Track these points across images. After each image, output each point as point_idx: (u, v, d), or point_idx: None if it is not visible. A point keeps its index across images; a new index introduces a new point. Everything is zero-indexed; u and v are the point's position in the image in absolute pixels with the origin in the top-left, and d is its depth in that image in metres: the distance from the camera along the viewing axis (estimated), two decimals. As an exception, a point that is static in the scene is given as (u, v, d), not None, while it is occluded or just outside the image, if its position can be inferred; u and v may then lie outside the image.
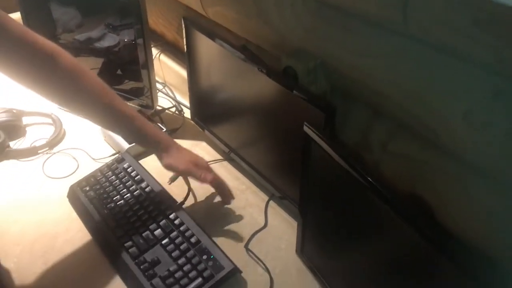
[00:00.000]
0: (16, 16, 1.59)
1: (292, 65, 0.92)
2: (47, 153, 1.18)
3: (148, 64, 1.15)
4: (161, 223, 0.95)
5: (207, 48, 1.06)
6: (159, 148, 0.97)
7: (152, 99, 1.20)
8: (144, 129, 0.95)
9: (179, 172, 1.00)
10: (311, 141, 0.69)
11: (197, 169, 0.98)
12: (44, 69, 0.85)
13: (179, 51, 1.44)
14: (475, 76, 0.69)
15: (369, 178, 0.58)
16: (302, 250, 0.84)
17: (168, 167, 0.98)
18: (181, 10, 1.36)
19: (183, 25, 1.08)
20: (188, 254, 0.88)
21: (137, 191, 1.02)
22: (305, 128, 0.69)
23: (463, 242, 0.70)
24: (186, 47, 1.11)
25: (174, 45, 1.45)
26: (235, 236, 0.97)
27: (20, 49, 0.81)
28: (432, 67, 0.74)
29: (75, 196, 1.04)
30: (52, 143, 1.21)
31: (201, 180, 0.98)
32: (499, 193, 0.72)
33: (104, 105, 0.91)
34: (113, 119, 0.93)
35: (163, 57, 1.44)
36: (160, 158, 0.98)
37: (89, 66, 1.31)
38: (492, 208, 0.73)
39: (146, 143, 0.98)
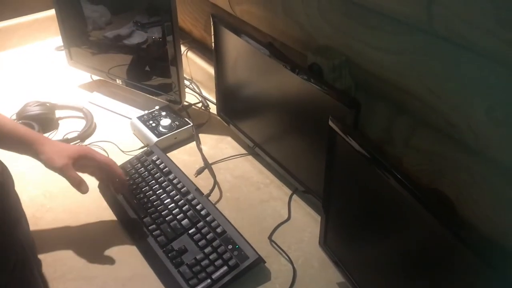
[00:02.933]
0: (51, 13, 1.66)
1: (318, 62, 0.94)
2: (79, 145, 1.23)
3: (177, 60, 1.18)
4: (188, 213, 0.98)
5: (234, 45, 1.09)
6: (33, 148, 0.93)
7: (180, 94, 1.23)
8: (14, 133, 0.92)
9: (58, 170, 0.94)
10: (336, 135, 0.71)
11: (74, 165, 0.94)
12: None
13: (206, 48, 1.47)
14: (497, 72, 0.70)
15: (394, 172, 0.60)
16: (325, 242, 0.86)
17: (49, 166, 0.94)
18: (208, 8, 1.39)
19: (211, 23, 1.11)
20: (214, 244, 0.92)
21: (165, 182, 1.06)
22: (330, 122, 0.71)
23: (484, 235, 0.71)
24: (214, 44, 1.14)
25: (201, 42, 1.49)
26: (259, 228, 1.00)
27: None
28: (455, 64, 0.75)
29: (105, 187, 1.08)
30: (84, 136, 1.25)
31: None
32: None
33: None
34: None
35: (190, 54, 1.47)
36: (41, 159, 0.94)
37: (118, 63, 1.35)
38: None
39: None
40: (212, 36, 1.13)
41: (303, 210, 1.04)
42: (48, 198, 1.08)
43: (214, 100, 1.36)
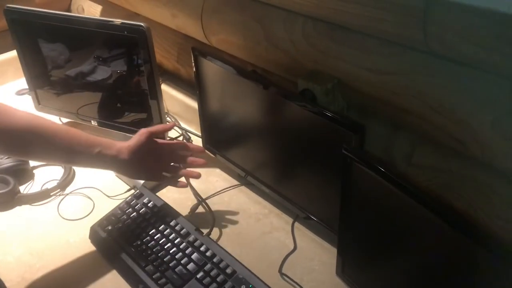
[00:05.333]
0: (7, 56, 1.58)
1: (310, 88, 0.93)
2: (60, 195, 1.16)
3: (157, 93, 1.14)
4: (192, 256, 0.94)
5: (218, 76, 1.06)
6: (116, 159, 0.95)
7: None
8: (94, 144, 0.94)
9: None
10: (352, 163, 0.70)
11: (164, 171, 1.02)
12: None
13: (179, 79, 1.44)
14: (500, 85, 0.71)
15: (419, 193, 0.60)
16: (343, 271, 0.84)
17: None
18: (180, 39, 1.37)
19: (192, 56, 1.08)
20: (226, 286, 0.88)
21: (162, 225, 1.01)
22: (344, 151, 0.70)
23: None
24: (196, 77, 1.11)
25: (174, 74, 1.45)
26: (267, 262, 0.97)
27: None
28: (455, 80, 0.77)
29: (97, 236, 1.03)
30: (64, 184, 1.19)
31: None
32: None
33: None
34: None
35: (164, 86, 1.43)
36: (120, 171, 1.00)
37: (86, 102, 1.30)
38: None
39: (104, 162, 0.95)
40: (194, 69, 1.10)
41: (308, 238, 1.02)
42: (36, 256, 1.00)
43: (195, 132, 1.33)
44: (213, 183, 1.18)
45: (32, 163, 1.24)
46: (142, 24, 1.06)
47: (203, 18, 1.17)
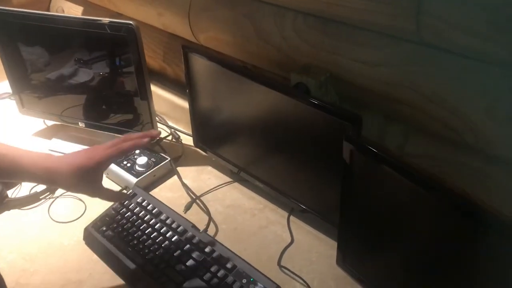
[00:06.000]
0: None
1: (304, 81, 0.94)
2: (50, 198, 1.14)
3: (147, 93, 1.14)
4: (191, 253, 0.94)
5: (209, 73, 1.06)
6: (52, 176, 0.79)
7: (153, 129, 1.19)
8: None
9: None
10: (354, 153, 0.71)
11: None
12: None
13: (166, 79, 1.43)
14: (492, 73, 0.74)
15: (425, 179, 0.62)
16: (344, 260, 0.85)
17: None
18: (166, 38, 1.36)
19: (182, 54, 1.08)
20: (228, 280, 0.88)
21: (158, 224, 1.00)
22: (345, 143, 0.71)
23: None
24: (186, 75, 1.11)
25: (160, 74, 1.44)
26: (266, 256, 0.97)
27: None
28: (448, 69, 0.79)
29: (92, 238, 1.01)
30: (53, 187, 1.16)
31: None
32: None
33: None
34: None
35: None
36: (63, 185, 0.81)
37: (71, 104, 1.28)
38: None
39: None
40: (184, 67, 1.10)
41: (304, 230, 1.03)
42: (29, 261, 0.98)
43: (184, 131, 1.33)
44: (205, 181, 1.18)
45: (19, 166, 1.21)
46: (131, 22, 1.05)
47: (190, 16, 1.17)
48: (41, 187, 1.15)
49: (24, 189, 1.17)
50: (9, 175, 0.80)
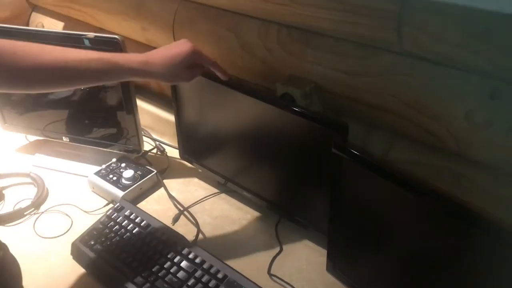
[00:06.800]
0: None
1: (289, 91, 0.96)
2: (34, 214, 1.13)
3: (133, 109, 1.14)
4: (181, 264, 0.94)
5: (195, 85, 1.07)
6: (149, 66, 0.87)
7: (139, 142, 1.19)
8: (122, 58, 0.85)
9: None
10: (342, 159, 0.73)
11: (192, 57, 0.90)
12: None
13: (150, 92, 1.44)
14: (471, 80, 0.77)
15: (413, 184, 0.64)
16: (335, 266, 0.87)
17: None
18: (146, 50, 1.36)
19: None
20: (219, 290, 0.89)
21: (147, 236, 1.00)
22: (334, 148, 0.73)
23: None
24: (172, 88, 1.12)
25: (144, 87, 1.45)
26: (256, 265, 0.98)
27: None
28: (430, 77, 0.82)
29: (80, 252, 1.00)
30: (38, 203, 1.15)
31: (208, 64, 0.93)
32: (506, 185, 0.79)
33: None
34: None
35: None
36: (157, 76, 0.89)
37: (54, 119, 1.28)
38: (501, 199, 0.80)
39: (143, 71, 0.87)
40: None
41: (292, 238, 1.04)
42: (16, 278, 0.97)
43: (169, 143, 1.33)
44: (192, 193, 1.19)
45: (0, 182, 1.20)
46: (116, 36, 1.06)
47: (175, 30, 1.18)
48: (26, 203, 1.14)
49: (7, 205, 1.15)
50: (107, 76, 0.85)
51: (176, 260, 0.95)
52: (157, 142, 1.34)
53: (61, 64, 0.80)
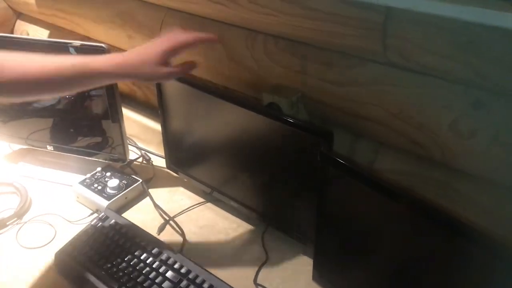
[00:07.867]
0: None
1: (276, 101, 0.96)
2: (17, 224, 1.11)
3: (119, 117, 1.14)
4: (167, 274, 0.93)
5: (182, 94, 1.07)
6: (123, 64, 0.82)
7: (125, 151, 1.18)
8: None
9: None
10: (329, 167, 0.73)
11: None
12: None
13: (136, 101, 1.43)
14: (455, 90, 0.78)
15: (404, 194, 0.64)
16: (321, 275, 0.87)
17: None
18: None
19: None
20: (206, 301, 0.88)
21: (132, 246, 0.99)
22: (320, 158, 0.74)
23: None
24: (159, 97, 1.11)
25: (130, 96, 1.44)
26: (242, 274, 0.97)
27: None
28: (415, 87, 0.83)
29: (64, 263, 0.99)
30: (20, 213, 1.13)
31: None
32: (490, 194, 0.80)
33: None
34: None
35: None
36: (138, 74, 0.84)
37: (38, 128, 1.26)
38: (485, 208, 0.81)
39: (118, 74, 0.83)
40: (155, 90, 1.10)
41: (278, 247, 1.04)
42: (-3, 290, 0.95)
43: (156, 152, 1.33)
44: (178, 202, 1.18)
45: (-17, 192, 1.18)
46: (102, 44, 1.06)
47: (161, 39, 1.18)
48: (8, 213, 1.12)
49: (-11, 215, 1.13)
50: (82, 84, 0.82)
51: (161, 270, 0.94)
52: (143, 151, 1.33)
53: (43, 74, 0.78)
